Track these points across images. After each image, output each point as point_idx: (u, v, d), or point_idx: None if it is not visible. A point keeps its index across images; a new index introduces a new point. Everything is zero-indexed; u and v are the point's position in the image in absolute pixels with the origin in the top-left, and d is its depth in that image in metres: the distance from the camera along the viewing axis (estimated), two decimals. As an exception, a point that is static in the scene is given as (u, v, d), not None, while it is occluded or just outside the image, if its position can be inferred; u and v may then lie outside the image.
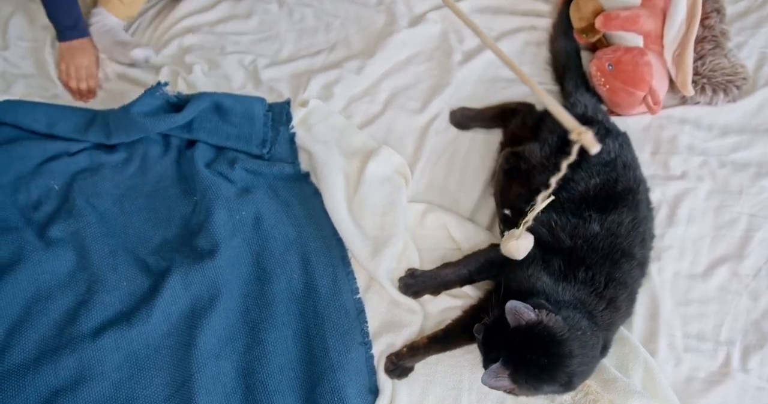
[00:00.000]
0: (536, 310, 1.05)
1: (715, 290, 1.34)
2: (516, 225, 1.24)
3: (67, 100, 1.64)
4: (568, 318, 1.08)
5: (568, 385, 1.07)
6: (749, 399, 1.23)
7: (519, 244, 1.19)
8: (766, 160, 1.49)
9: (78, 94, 1.64)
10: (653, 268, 1.34)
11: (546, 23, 1.71)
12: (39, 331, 1.24)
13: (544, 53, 1.68)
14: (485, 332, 1.09)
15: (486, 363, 1.08)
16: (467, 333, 1.23)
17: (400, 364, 1.24)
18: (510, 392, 1.07)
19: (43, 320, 1.25)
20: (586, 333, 1.09)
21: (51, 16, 1.60)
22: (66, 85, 1.64)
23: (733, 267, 1.36)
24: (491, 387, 1.06)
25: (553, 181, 1.20)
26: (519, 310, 1.04)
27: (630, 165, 1.30)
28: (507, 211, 1.33)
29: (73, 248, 1.34)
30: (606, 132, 1.33)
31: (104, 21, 1.68)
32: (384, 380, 1.25)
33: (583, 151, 1.24)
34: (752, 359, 1.27)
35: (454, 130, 1.57)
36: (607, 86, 1.49)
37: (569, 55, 1.57)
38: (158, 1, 1.80)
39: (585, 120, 1.35)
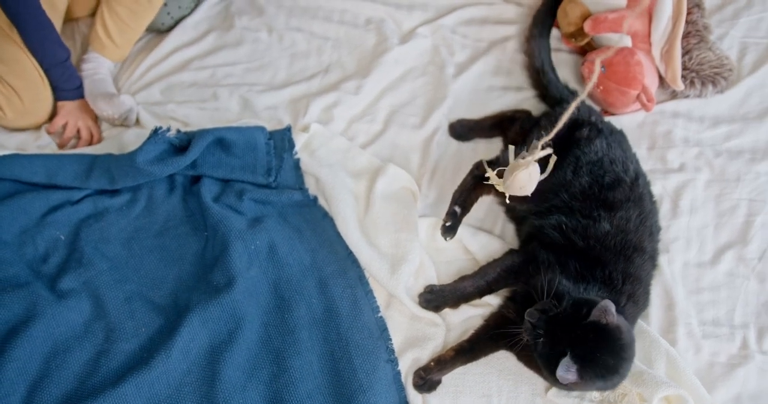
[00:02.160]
0: (618, 316, 1.08)
1: (724, 276, 1.38)
2: (458, 225, 1.32)
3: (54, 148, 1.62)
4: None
5: (616, 385, 1.12)
6: (771, 377, 1.27)
7: (529, 172, 1.11)
8: (759, 145, 1.54)
9: (72, 146, 1.62)
10: (663, 260, 1.37)
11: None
12: (60, 386, 1.22)
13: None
14: (549, 323, 1.10)
15: (549, 354, 1.08)
16: (492, 341, 1.25)
17: (428, 378, 1.25)
18: (568, 385, 1.09)
19: (63, 374, 1.23)
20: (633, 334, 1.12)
21: (53, 79, 1.59)
22: (62, 143, 1.62)
23: (738, 253, 1.40)
24: (561, 380, 1.07)
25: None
26: (610, 311, 1.06)
27: (617, 160, 1.32)
28: (457, 208, 1.35)
29: (87, 298, 1.33)
30: (597, 132, 1.37)
31: (98, 68, 1.66)
32: (414, 395, 1.26)
33: (574, 149, 1.27)
34: (767, 340, 1.30)
35: (456, 142, 1.59)
36: (601, 87, 1.53)
37: (545, 60, 1.59)
38: (144, 35, 1.79)
39: (577, 123, 1.38)
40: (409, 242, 1.38)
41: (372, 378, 1.25)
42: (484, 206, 1.48)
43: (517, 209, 1.39)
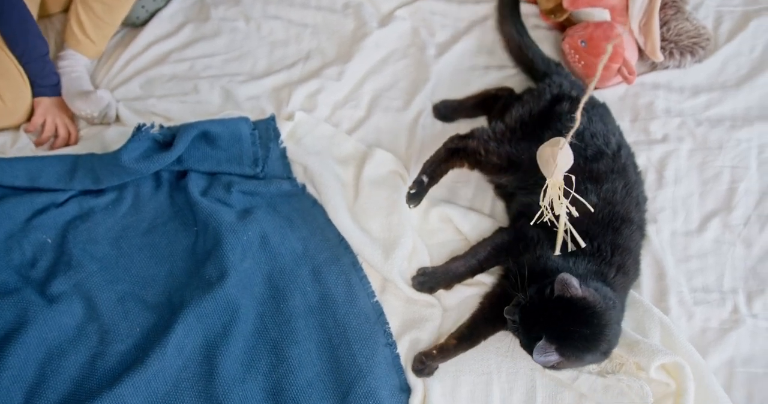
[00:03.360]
0: (582, 286, 1.09)
1: (711, 243, 1.40)
2: (423, 193, 1.32)
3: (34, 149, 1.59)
4: (598, 289, 1.12)
5: (607, 353, 1.13)
6: (762, 340, 1.30)
7: (559, 153, 1.05)
8: (738, 113, 1.56)
9: (50, 145, 1.59)
10: (651, 231, 1.39)
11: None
12: (57, 391, 1.21)
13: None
14: (522, 313, 1.12)
15: (529, 342, 1.10)
16: (490, 323, 1.26)
17: (428, 364, 1.26)
18: (556, 366, 1.11)
19: (59, 379, 1.22)
20: (614, 301, 1.13)
21: (32, 74, 1.56)
22: (40, 141, 1.59)
23: (723, 219, 1.43)
24: (542, 364, 1.09)
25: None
26: (569, 283, 1.08)
27: (598, 133, 1.32)
28: (425, 178, 1.34)
29: (79, 300, 1.31)
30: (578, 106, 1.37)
31: (74, 65, 1.63)
32: (414, 377, 1.27)
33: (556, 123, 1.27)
34: (756, 303, 1.33)
35: (441, 123, 1.59)
36: (582, 62, 1.53)
37: (524, 35, 1.58)
38: (119, 30, 1.76)
39: (558, 97, 1.39)
40: (400, 226, 1.39)
41: (371, 362, 1.26)
42: (473, 186, 1.49)
43: (504, 184, 1.39)
